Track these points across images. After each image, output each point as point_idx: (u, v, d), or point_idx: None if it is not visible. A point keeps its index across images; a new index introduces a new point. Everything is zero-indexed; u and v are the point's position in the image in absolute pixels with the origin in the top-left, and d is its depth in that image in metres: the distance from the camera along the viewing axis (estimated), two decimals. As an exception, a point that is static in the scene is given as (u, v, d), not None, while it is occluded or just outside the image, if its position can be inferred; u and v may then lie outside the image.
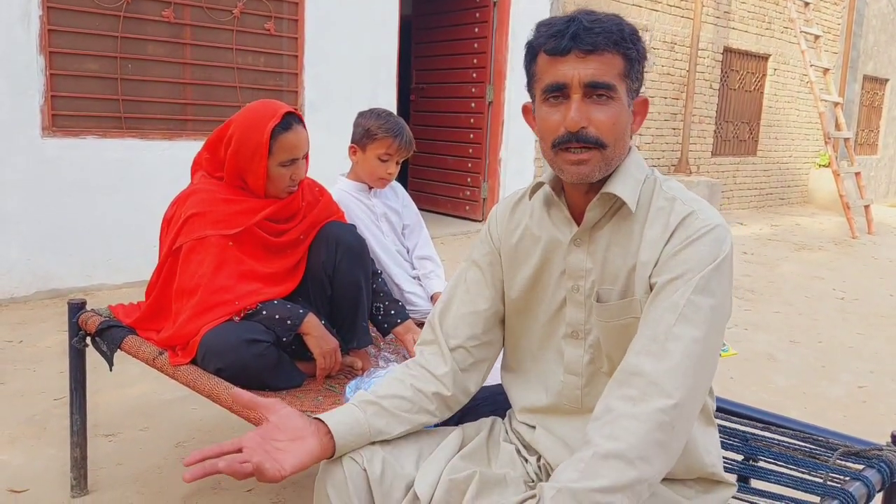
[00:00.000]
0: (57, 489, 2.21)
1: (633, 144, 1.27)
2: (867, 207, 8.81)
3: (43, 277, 4.25)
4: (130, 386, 2.97)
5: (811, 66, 8.75)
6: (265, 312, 1.84)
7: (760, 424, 1.64)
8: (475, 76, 6.99)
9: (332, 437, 1.18)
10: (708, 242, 1.15)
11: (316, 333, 1.86)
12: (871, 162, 12.56)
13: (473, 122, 7.08)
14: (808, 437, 1.57)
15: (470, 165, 7.18)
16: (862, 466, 1.46)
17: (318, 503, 1.22)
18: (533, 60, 1.21)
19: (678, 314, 1.11)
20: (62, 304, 4.08)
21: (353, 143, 2.31)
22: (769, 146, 10.32)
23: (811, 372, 3.64)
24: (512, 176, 6.97)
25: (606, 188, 1.20)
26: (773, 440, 1.59)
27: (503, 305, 1.38)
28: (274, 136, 1.89)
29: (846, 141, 9.17)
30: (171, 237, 1.92)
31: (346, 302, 2.02)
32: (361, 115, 2.32)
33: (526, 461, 1.33)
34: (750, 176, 10.10)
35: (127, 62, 4.50)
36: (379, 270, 2.20)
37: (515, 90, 6.86)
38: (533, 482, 1.30)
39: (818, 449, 1.54)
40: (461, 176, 7.28)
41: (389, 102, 5.73)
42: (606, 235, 1.23)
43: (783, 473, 1.52)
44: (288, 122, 1.92)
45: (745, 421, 1.68)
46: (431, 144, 7.46)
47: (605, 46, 1.14)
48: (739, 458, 1.58)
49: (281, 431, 1.16)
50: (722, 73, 9.25)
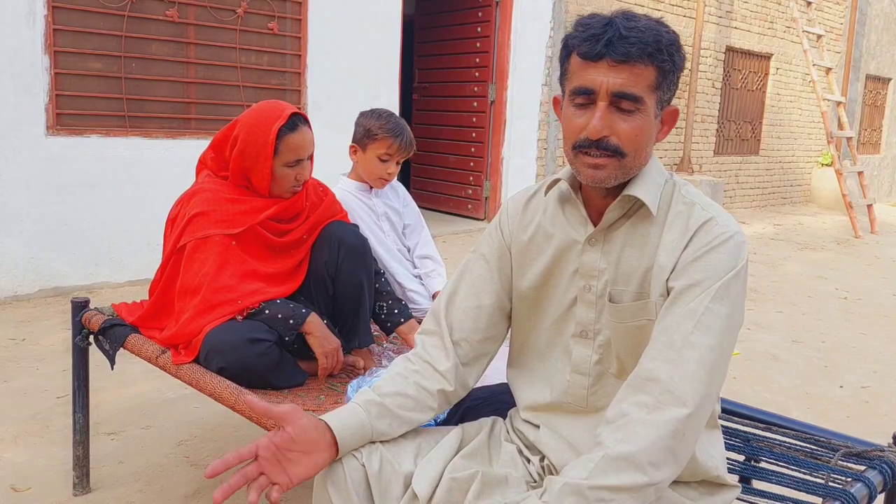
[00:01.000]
0: (59, 487, 2.21)
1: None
2: (870, 207, 8.80)
3: (46, 275, 4.26)
4: (133, 384, 2.98)
5: (814, 65, 8.74)
6: (268, 312, 1.84)
7: (762, 425, 1.64)
8: (477, 75, 6.99)
9: (336, 444, 1.20)
10: (727, 250, 1.15)
11: (318, 333, 1.86)
12: (873, 161, 12.53)
13: (476, 121, 7.08)
14: (809, 437, 1.58)
15: (472, 164, 7.19)
16: (864, 467, 1.46)
17: (317, 500, 1.22)
18: (567, 58, 1.20)
19: (696, 321, 1.12)
20: (65, 302, 4.09)
21: (353, 142, 2.31)
22: (772, 145, 10.30)
23: (814, 372, 3.63)
24: (514, 175, 6.97)
25: (629, 191, 1.20)
26: (774, 441, 1.59)
27: (509, 301, 1.37)
28: (280, 136, 1.90)
29: (849, 140, 9.16)
30: (174, 236, 1.93)
31: (348, 302, 2.02)
32: (362, 114, 2.32)
33: (528, 461, 1.33)
34: (752, 175, 10.08)
35: (131, 61, 4.51)
36: (382, 270, 2.21)
37: (518, 89, 6.87)
38: (535, 483, 1.30)
39: (820, 450, 1.54)
40: (464, 175, 7.29)
41: (392, 101, 5.72)
42: (622, 236, 1.23)
43: (785, 474, 1.52)
44: (294, 122, 1.92)
45: (746, 421, 1.68)
46: (434, 143, 7.47)
47: (638, 57, 1.12)
48: (741, 458, 1.59)
49: (296, 443, 1.17)
50: (724, 72, 9.23)
